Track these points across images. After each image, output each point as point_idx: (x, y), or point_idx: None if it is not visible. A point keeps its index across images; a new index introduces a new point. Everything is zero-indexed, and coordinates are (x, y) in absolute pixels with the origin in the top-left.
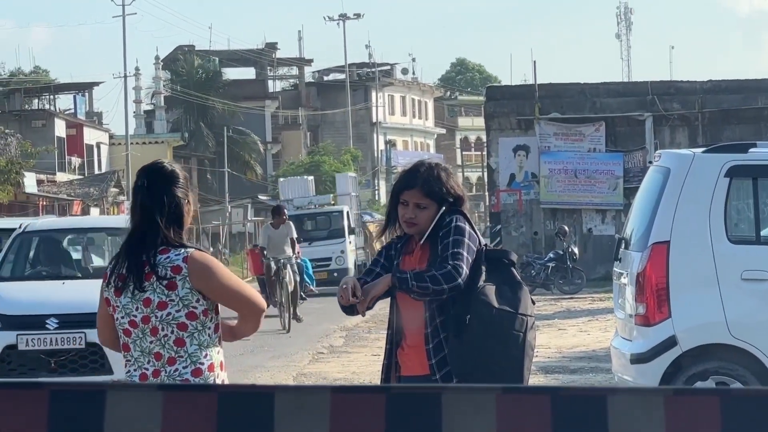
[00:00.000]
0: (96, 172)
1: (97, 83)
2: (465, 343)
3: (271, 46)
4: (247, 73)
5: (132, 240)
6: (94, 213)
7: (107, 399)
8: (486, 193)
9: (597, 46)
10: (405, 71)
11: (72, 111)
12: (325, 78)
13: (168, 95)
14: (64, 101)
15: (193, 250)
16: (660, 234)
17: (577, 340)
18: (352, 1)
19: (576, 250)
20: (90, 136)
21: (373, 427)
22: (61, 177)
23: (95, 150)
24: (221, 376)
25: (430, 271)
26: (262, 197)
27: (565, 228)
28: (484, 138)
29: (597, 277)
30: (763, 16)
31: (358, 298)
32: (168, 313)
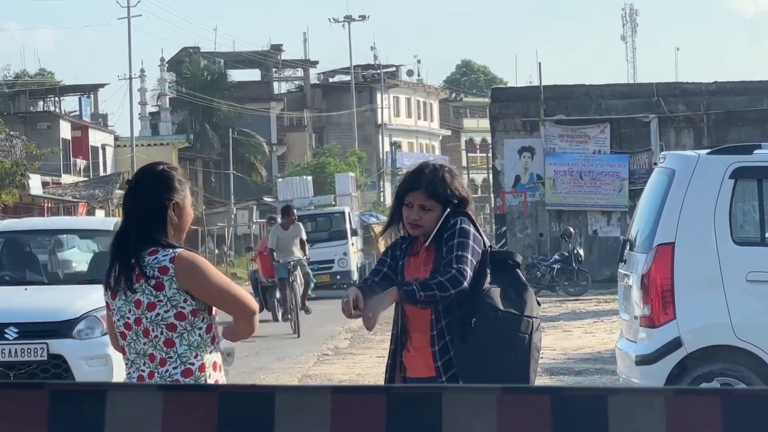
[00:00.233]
0: (101, 174)
1: (102, 85)
2: (471, 346)
3: (277, 48)
4: (253, 74)
5: (118, 241)
6: (100, 215)
7: (107, 399)
8: (491, 194)
9: (602, 48)
10: (410, 73)
11: (77, 113)
12: (330, 80)
13: (173, 97)
14: (70, 103)
15: (182, 250)
16: (665, 235)
17: (582, 342)
18: (357, 3)
19: (581, 252)
20: (95, 138)
21: (373, 428)
22: (67, 179)
23: (100, 152)
24: (214, 377)
25: (436, 278)
26: (267, 199)
27: (571, 230)
28: (490, 140)
29: (602, 279)
30: None
31: (360, 309)
32: (157, 314)
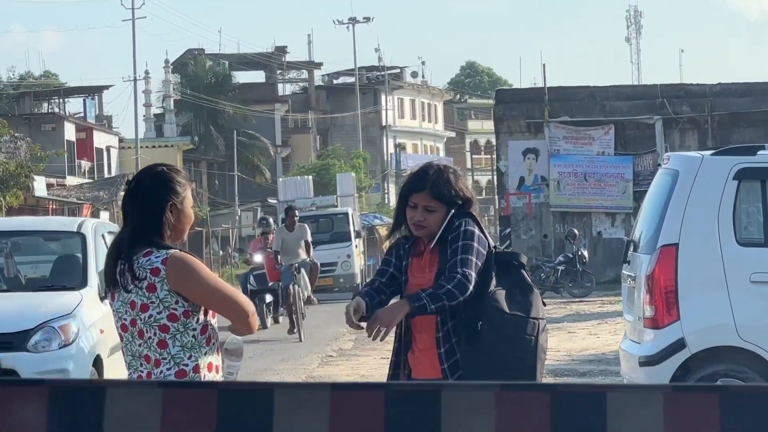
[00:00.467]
0: (106, 175)
1: (106, 87)
2: (477, 350)
3: (281, 50)
4: (257, 76)
5: (115, 242)
6: (104, 216)
7: (107, 396)
8: (495, 196)
9: (607, 50)
10: (414, 74)
11: (82, 115)
12: (334, 81)
13: (178, 99)
14: (74, 105)
15: (174, 251)
16: (669, 236)
17: (586, 343)
18: (362, 4)
19: (585, 254)
20: (100, 139)
21: (372, 424)
22: (71, 181)
23: (105, 154)
24: (209, 378)
25: (444, 287)
26: (271, 200)
27: (575, 231)
28: (494, 141)
29: (606, 281)
30: None
31: (364, 315)
32: (150, 315)
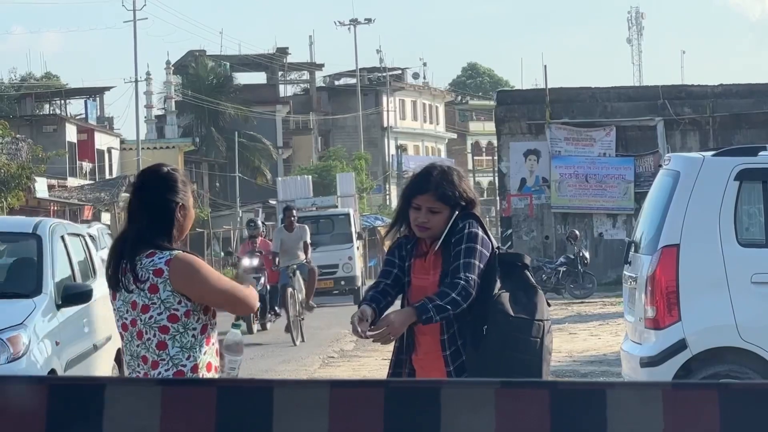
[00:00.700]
0: (107, 177)
1: (108, 88)
2: (483, 354)
3: (282, 51)
4: (258, 77)
5: (118, 242)
6: (105, 218)
7: (106, 394)
8: (497, 197)
9: (608, 51)
10: (416, 76)
11: (83, 116)
12: (336, 83)
13: (179, 100)
14: (75, 106)
15: (178, 252)
16: (670, 237)
17: (588, 345)
18: (363, 6)
19: (587, 255)
20: (101, 141)
21: (372, 422)
22: (72, 182)
23: (106, 155)
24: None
25: (448, 296)
26: (272, 202)
27: (576, 232)
28: (495, 142)
29: (608, 282)
30: None
31: (368, 320)
32: (150, 317)
